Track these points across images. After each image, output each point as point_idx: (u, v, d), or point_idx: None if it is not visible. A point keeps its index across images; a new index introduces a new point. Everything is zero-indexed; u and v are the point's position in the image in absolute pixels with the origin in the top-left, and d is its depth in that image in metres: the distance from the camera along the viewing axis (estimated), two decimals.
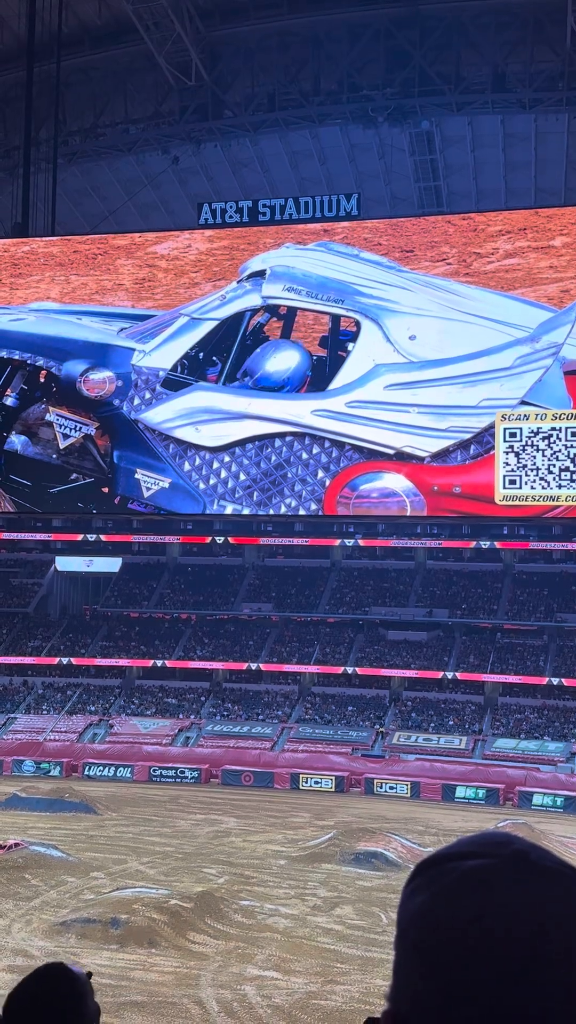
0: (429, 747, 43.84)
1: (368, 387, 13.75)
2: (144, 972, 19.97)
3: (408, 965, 0.99)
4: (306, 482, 13.30)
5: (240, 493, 13.57)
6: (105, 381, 15.12)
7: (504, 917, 0.95)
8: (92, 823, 34.41)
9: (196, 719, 47.59)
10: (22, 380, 15.57)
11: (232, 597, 53.58)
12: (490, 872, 0.98)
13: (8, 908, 23.93)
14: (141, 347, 15.28)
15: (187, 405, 14.59)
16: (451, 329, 14.47)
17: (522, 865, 0.98)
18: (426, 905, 0.99)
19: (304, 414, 13.72)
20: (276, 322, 15.89)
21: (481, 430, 12.87)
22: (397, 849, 29.41)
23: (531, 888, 0.96)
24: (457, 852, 1.01)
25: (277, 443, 13.92)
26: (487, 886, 0.97)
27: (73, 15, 25.79)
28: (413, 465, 12.96)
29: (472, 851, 1.01)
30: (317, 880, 27.40)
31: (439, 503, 12.40)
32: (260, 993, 19.29)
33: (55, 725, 47.34)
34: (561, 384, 12.67)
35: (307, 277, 16.80)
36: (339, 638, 50.84)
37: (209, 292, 17.23)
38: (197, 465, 14.26)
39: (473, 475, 12.49)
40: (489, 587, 51.53)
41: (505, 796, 40.03)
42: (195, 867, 28.76)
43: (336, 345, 14.26)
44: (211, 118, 27.94)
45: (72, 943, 21.49)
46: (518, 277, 16.39)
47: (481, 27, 25.75)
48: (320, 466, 13.41)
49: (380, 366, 13.70)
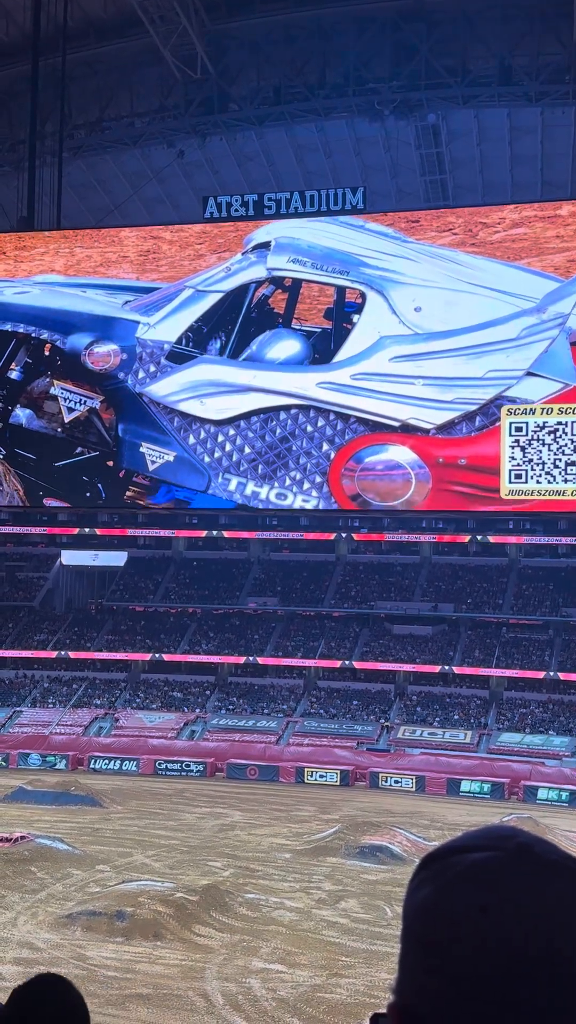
0: (434, 741, 43.86)
1: (373, 359, 13.72)
2: (149, 965, 20.04)
3: (414, 958, 0.99)
4: (311, 455, 13.30)
5: (245, 466, 13.58)
6: (110, 354, 15.11)
7: (509, 910, 0.95)
8: (98, 816, 34.50)
9: (201, 713, 47.66)
10: (27, 353, 15.56)
11: (237, 591, 53.62)
12: (495, 865, 0.98)
13: (14, 901, 24.02)
14: (146, 320, 15.25)
15: (192, 378, 14.57)
16: (457, 300, 14.42)
17: (527, 858, 0.98)
18: (431, 898, 0.99)
19: (309, 387, 13.69)
20: (281, 294, 15.77)
21: (487, 401, 12.83)
22: (402, 843, 29.45)
23: (536, 881, 0.97)
24: (462, 845, 1.02)
25: (282, 416, 13.92)
26: (492, 879, 0.97)
27: (78, 8, 25.72)
28: (418, 437, 12.95)
29: (477, 844, 1.01)
30: (322, 874, 27.45)
31: (444, 475, 12.39)
32: (265, 986, 19.34)
33: (61, 718, 47.46)
34: (567, 355, 12.63)
35: (312, 248, 16.66)
36: (344, 632, 50.86)
37: (214, 264, 17.07)
38: (202, 438, 14.27)
39: (479, 447, 12.47)
40: (494, 581, 51.50)
41: (510, 790, 40.04)
42: (200, 860, 28.83)
43: (341, 317, 14.22)
44: (217, 111, 27.88)
45: (78, 936, 21.57)
46: (524, 247, 16.27)
47: (487, 20, 25.63)
48: (325, 439, 13.39)
49: (385, 338, 13.68)
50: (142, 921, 21.75)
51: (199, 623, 52.72)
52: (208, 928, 22.25)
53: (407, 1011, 0.99)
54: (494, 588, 51.21)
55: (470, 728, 44.71)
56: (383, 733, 45.07)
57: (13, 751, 44.71)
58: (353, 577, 53.49)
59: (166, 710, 47.99)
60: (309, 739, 44.79)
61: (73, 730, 46.53)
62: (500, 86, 26.16)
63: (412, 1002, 0.98)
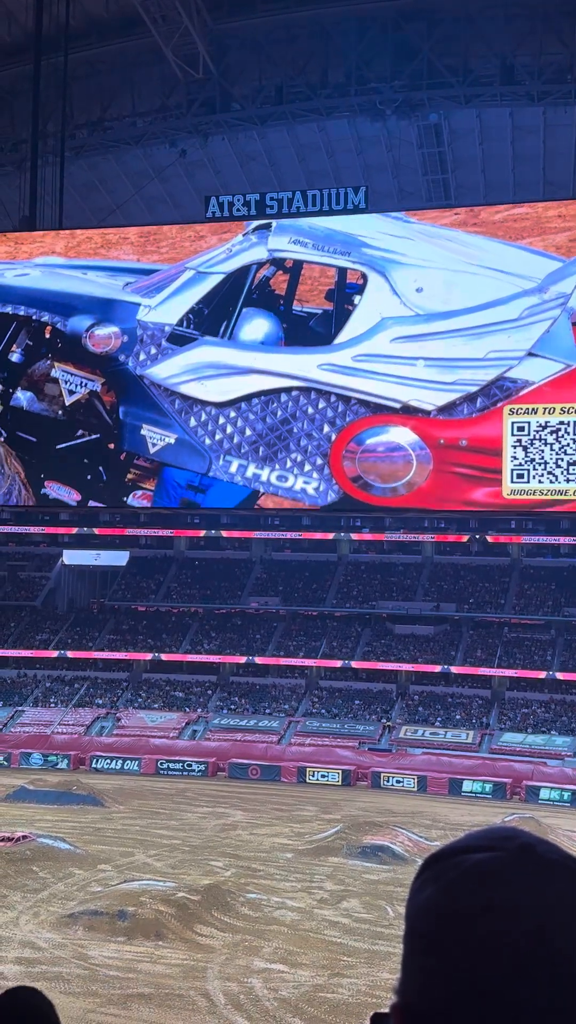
0: (436, 741, 43.86)
1: (375, 340, 13.67)
2: (151, 964, 20.04)
3: (416, 958, 0.99)
4: (312, 437, 13.28)
5: (246, 448, 13.55)
6: (111, 336, 15.07)
7: (511, 910, 0.95)
8: (99, 816, 34.52)
9: (203, 712, 47.68)
10: (27, 336, 15.52)
11: (239, 591, 53.63)
12: (497, 865, 0.98)
13: (16, 900, 24.03)
14: (147, 302, 15.20)
15: (193, 360, 14.51)
16: (458, 281, 14.36)
17: (529, 858, 0.98)
18: (434, 898, 0.99)
19: (310, 368, 13.64)
20: (282, 275, 15.66)
21: (488, 383, 12.78)
22: (404, 843, 29.45)
23: (538, 881, 0.97)
24: (465, 846, 1.01)
25: (283, 398, 13.90)
26: (494, 879, 0.97)
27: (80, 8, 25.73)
28: (419, 419, 12.91)
29: (479, 845, 1.01)
30: (324, 873, 27.45)
31: (445, 456, 12.35)
32: (267, 986, 19.35)
33: (63, 718, 47.50)
34: (569, 335, 12.59)
35: (313, 229, 16.59)
36: (346, 632, 50.86)
37: (215, 245, 16.96)
38: (203, 420, 14.25)
39: (480, 428, 12.42)
40: (496, 581, 51.49)
41: (512, 790, 40.03)
42: (202, 860, 28.84)
43: (343, 298, 14.16)
44: (218, 111, 27.88)
45: (79, 935, 21.58)
46: (526, 227, 16.19)
47: (489, 19, 25.62)
48: (326, 420, 13.36)
49: (387, 319, 13.63)
50: (144, 921, 21.76)
51: (201, 623, 52.73)
52: (210, 928, 22.26)
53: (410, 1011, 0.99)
54: (496, 588, 51.20)
55: (472, 728, 44.70)
56: (385, 733, 45.07)
57: (15, 751, 44.75)
58: (355, 577, 53.49)
59: (168, 710, 48.01)
60: (311, 739, 44.80)
61: (75, 729, 46.56)
62: (502, 85, 26.15)
63: (415, 1002, 0.98)
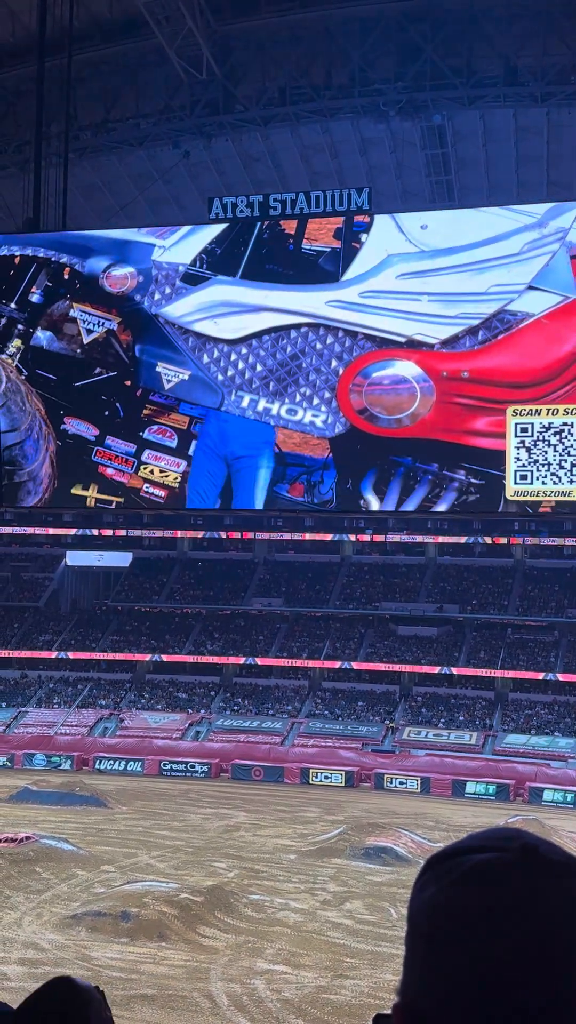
0: (439, 742, 43.83)
1: (381, 277, 13.77)
2: (154, 965, 20.05)
3: (418, 958, 0.99)
4: (320, 371, 13.38)
5: (256, 384, 13.67)
6: (126, 277, 15.15)
7: (513, 910, 0.94)
8: (102, 816, 34.54)
9: (206, 713, 47.69)
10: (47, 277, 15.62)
11: (242, 592, 53.64)
12: (499, 866, 0.98)
13: (19, 901, 24.05)
14: (161, 243, 15.26)
15: (206, 299, 14.62)
16: (461, 217, 14.45)
17: (531, 859, 0.98)
18: (436, 898, 0.99)
19: (319, 306, 13.74)
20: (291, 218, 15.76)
21: (489, 316, 12.87)
22: (407, 844, 29.43)
23: (540, 882, 0.96)
24: (467, 846, 1.01)
25: (292, 334, 14.01)
26: (496, 880, 0.97)
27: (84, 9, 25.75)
28: (423, 352, 12.99)
29: (482, 845, 1.01)
30: (327, 875, 27.45)
31: (448, 388, 12.41)
32: (270, 987, 19.34)
33: (66, 719, 47.53)
34: (567, 269, 12.65)
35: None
36: (349, 633, 50.85)
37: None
38: (215, 357, 14.37)
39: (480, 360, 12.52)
40: (500, 583, 51.45)
41: (515, 792, 39.99)
42: (205, 861, 28.84)
43: (350, 237, 14.28)
44: (222, 112, 27.88)
45: (83, 936, 21.59)
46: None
47: (493, 20, 25.60)
48: (334, 355, 13.49)
49: (392, 256, 13.71)
50: (147, 922, 21.77)
51: (204, 624, 52.75)
52: (213, 929, 22.26)
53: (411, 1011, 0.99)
54: (499, 589, 51.16)
55: (475, 729, 44.66)
56: (388, 734, 45.05)
57: (18, 751, 44.78)
58: (358, 578, 53.48)
59: (171, 711, 48.03)
60: (314, 740, 44.79)
61: (78, 730, 46.59)
62: (506, 87, 26.13)
63: (416, 1002, 0.98)
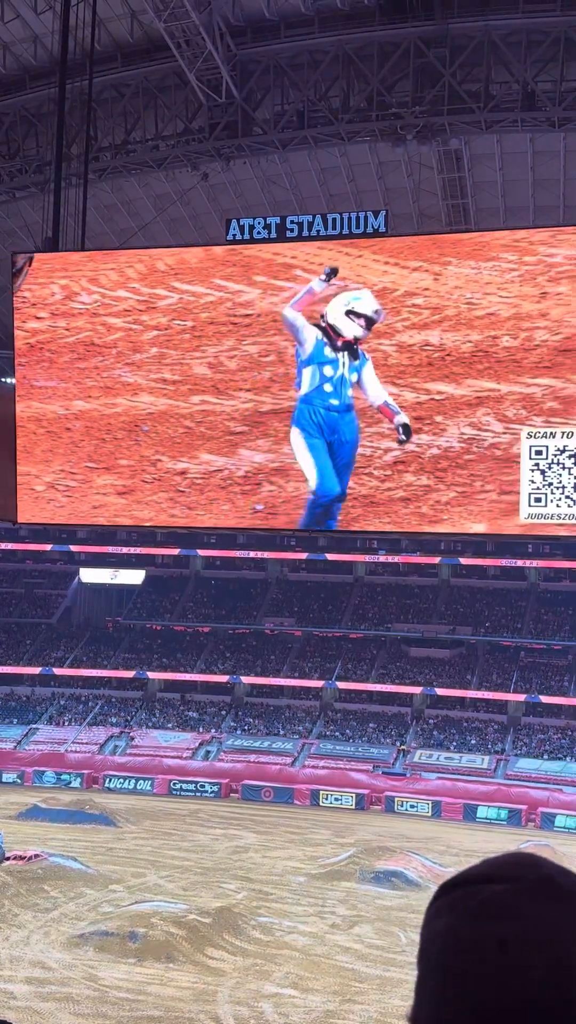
0: (451, 766, 43.51)
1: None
2: (161, 987, 19.91)
3: (430, 986, 0.98)
4: None
5: None
6: None
7: (529, 943, 0.93)
8: (112, 835, 34.41)
9: (217, 733, 47.53)
10: None
11: (255, 611, 53.57)
12: (515, 897, 0.96)
13: (27, 919, 23.95)
14: None
15: None
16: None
17: (548, 891, 0.97)
18: (450, 927, 0.98)
19: None
20: None
21: None
22: (417, 868, 29.19)
23: (557, 914, 0.95)
24: (482, 874, 1.00)
25: None
26: (512, 912, 0.95)
27: (106, 32, 26.07)
28: None
29: (498, 874, 0.99)
30: (336, 898, 27.23)
31: None
32: (277, 1010, 19.17)
33: (76, 736, 47.46)
34: None
35: None
36: (361, 654, 50.66)
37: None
38: None
39: None
40: (513, 605, 51.21)
41: (527, 817, 39.64)
42: (214, 882, 28.67)
43: None
44: (241, 135, 28.09)
45: (90, 956, 21.47)
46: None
47: (511, 45, 25.75)
48: None
49: None
50: (154, 942, 21.64)
51: (216, 642, 52.68)
52: (221, 951, 22.09)
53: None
54: (513, 612, 50.91)
55: (487, 753, 44.33)
56: (399, 756, 44.77)
57: (29, 768, 44.71)
58: (371, 599, 53.33)
59: (181, 729, 47.89)
60: (324, 761, 44.55)
61: (88, 748, 46.50)
62: (523, 111, 26.24)
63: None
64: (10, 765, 44.99)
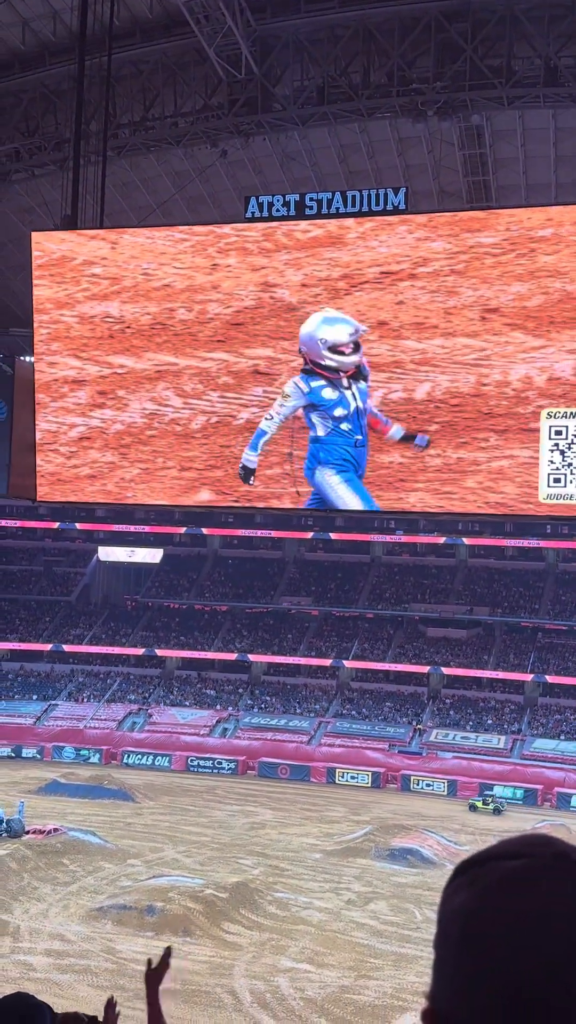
0: (467, 745, 43.60)
1: None
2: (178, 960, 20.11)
3: (449, 963, 1.00)
4: None
5: None
6: None
7: (547, 916, 0.95)
8: (130, 810, 34.75)
9: (234, 711, 47.80)
10: None
11: (272, 590, 53.69)
12: (532, 872, 0.98)
13: (46, 892, 24.27)
14: None
15: None
16: None
17: (563, 865, 0.99)
18: (468, 903, 1.00)
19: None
20: None
21: None
22: (433, 846, 29.34)
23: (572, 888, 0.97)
24: (499, 852, 1.02)
25: None
26: (530, 885, 0.97)
27: (125, 8, 25.88)
28: None
29: (514, 851, 1.01)
30: (352, 875, 27.42)
31: None
32: (293, 985, 19.37)
33: (95, 713, 47.86)
34: None
35: None
36: (378, 634, 50.73)
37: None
38: None
39: None
40: (531, 586, 51.06)
41: (543, 797, 39.71)
42: (230, 857, 28.92)
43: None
44: (260, 111, 27.88)
45: (108, 929, 21.75)
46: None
47: (533, 19, 25.39)
48: None
49: None
50: (172, 916, 21.89)
51: (233, 621, 52.87)
52: (237, 925, 22.33)
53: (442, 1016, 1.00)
54: (531, 592, 50.78)
55: (503, 733, 44.38)
56: (415, 736, 44.89)
57: (48, 744, 45.15)
58: (388, 578, 53.32)
59: (199, 707, 48.19)
60: (341, 740, 44.74)
61: (107, 724, 46.89)
62: (545, 87, 25.91)
63: (447, 1007, 0.99)
64: (30, 740, 45.45)
